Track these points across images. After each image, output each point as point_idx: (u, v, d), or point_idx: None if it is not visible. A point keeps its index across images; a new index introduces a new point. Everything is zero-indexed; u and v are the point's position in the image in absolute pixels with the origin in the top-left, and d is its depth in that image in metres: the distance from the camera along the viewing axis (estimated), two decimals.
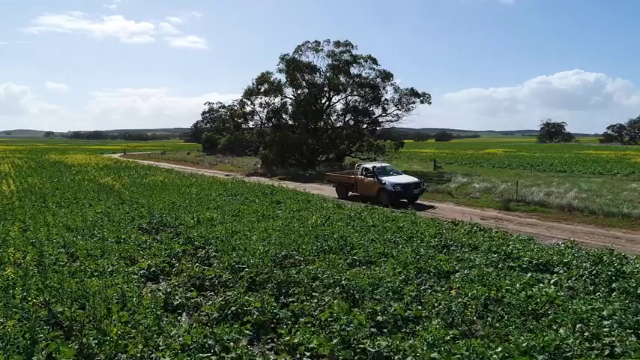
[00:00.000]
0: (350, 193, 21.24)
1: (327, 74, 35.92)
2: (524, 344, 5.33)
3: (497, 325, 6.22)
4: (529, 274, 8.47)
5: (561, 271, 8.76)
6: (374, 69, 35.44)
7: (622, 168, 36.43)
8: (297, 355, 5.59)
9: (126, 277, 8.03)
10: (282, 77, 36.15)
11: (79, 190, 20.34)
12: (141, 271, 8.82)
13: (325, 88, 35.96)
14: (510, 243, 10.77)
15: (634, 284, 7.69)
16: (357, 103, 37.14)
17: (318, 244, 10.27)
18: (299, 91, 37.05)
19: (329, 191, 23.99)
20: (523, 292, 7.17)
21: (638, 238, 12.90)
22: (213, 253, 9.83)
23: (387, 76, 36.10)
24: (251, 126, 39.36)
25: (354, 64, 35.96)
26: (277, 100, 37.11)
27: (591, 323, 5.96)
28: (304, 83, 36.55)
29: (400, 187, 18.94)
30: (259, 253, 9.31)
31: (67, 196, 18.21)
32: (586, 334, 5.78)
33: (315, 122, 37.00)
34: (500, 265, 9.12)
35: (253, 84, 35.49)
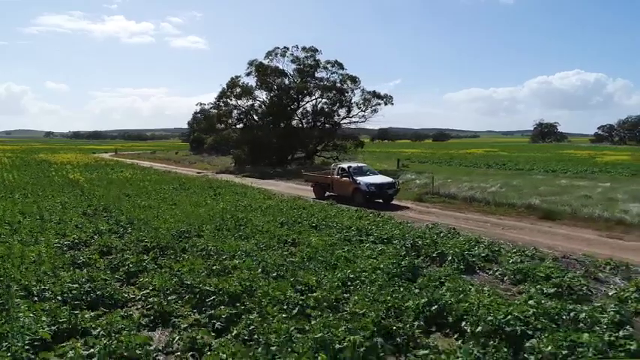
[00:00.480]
0: (327, 193, 21.13)
1: (295, 78, 38.41)
2: (294, 280, 7.73)
3: (300, 272, 8.59)
4: (367, 245, 10.87)
5: (397, 242, 11.16)
6: (337, 73, 37.92)
7: (580, 167, 38.53)
8: (143, 289, 7.97)
9: (49, 246, 10.41)
10: (252, 81, 38.63)
11: (48, 184, 22.78)
12: (66, 243, 11.19)
13: (292, 92, 38.38)
14: (381, 224, 13.18)
15: (433, 250, 10.20)
16: (324, 105, 39.62)
17: (217, 223, 12.67)
18: (271, 94, 39.53)
19: (283, 187, 26.37)
20: (336, 253, 9.60)
21: (504, 223, 15.25)
22: (130, 230, 12.23)
23: (352, 79, 38.59)
24: (227, 127, 41.80)
25: (321, 69, 38.45)
26: (249, 103, 39.64)
27: (365, 271, 8.34)
28: (275, 86, 39.04)
29: (374, 187, 19.15)
30: (162, 229, 11.70)
31: (35, 189, 20.63)
32: (352, 276, 8.15)
33: (286, 123, 39.44)
34: (354, 239, 11.51)
35: (224, 88, 37.93)
